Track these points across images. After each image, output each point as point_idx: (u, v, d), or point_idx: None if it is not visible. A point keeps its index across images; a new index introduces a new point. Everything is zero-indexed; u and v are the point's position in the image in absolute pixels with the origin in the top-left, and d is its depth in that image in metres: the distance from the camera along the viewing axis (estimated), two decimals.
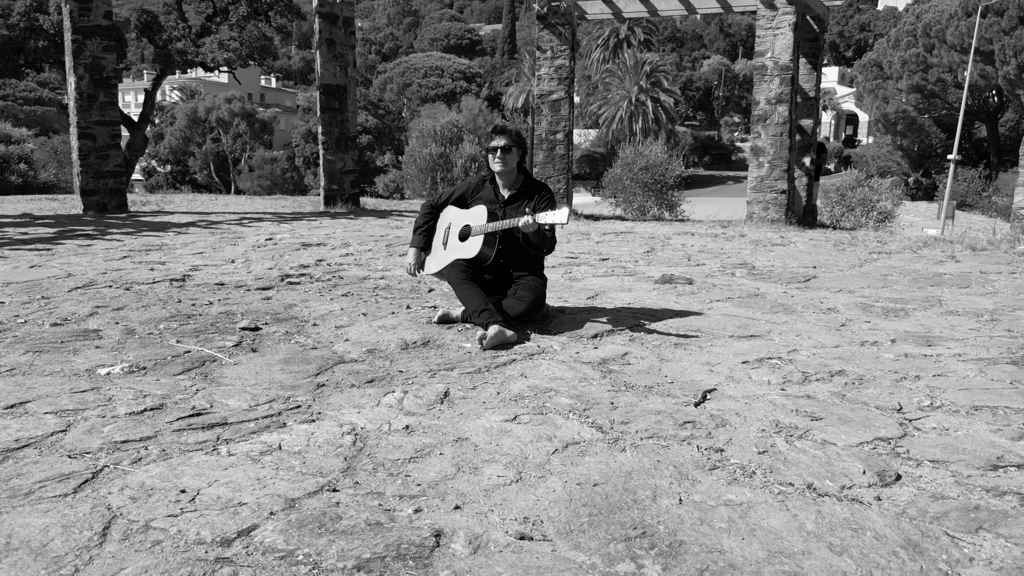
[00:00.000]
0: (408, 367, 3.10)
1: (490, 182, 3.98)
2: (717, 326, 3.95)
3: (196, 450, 2.18)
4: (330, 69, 10.92)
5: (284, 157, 60.03)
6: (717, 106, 79.42)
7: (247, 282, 4.96)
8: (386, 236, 7.85)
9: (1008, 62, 35.70)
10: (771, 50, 10.11)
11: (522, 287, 3.79)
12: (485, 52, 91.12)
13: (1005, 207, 39.08)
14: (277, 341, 3.50)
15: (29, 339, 3.37)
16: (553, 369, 3.10)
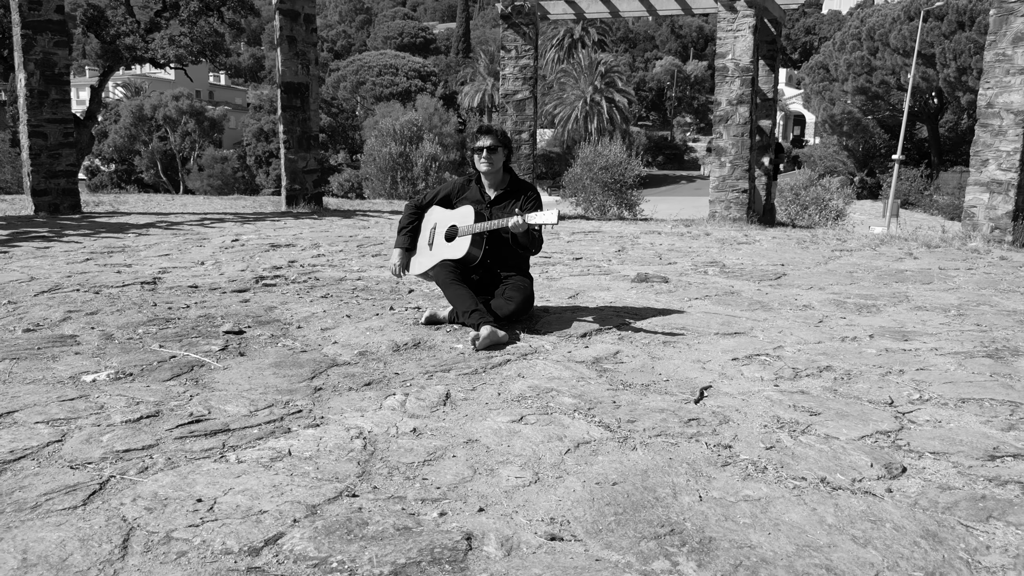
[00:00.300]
0: (403, 369, 3.08)
1: (475, 182, 3.97)
2: (701, 324, 4.01)
3: (203, 458, 2.12)
4: (291, 67, 10.74)
5: (235, 156, 58.90)
6: (669, 106, 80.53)
7: (221, 284, 4.85)
8: (355, 236, 7.76)
9: (948, 65, 37.00)
10: (732, 52, 10.30)
11: (510, 287, 3.79)
12: (439, 51, 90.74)
13: (946, 205, 40.53)
14: (264, 344, 3.43)
15: (3, 346, 3.25)
16: (549, 369, 3.10)
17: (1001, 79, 8.53)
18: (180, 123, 58.60)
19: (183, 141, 58.58)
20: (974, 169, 8.84)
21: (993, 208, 8.68)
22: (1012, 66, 8.45)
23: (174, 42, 20.18)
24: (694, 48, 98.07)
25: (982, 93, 8.73)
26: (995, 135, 8.60)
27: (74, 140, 9.51)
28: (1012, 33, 8.43)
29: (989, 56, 8.64)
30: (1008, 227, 8.61)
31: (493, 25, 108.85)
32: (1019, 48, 8.40)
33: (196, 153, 58.83)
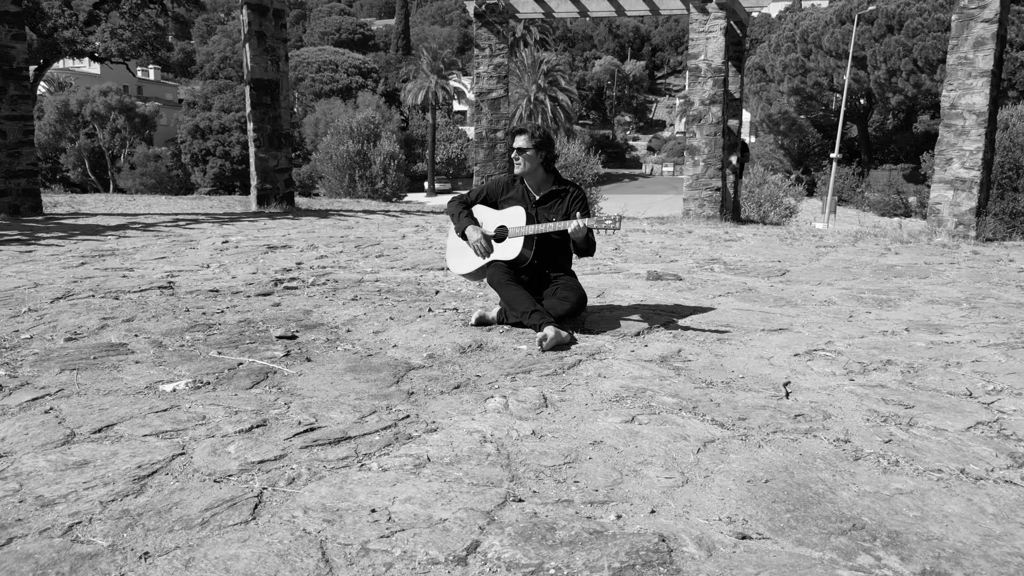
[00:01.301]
0: (482, 372, 3.05)
1: (520, 181, 3.96)
2: (741, 320, 4.10)
3: (343, 467, 2.07)
4: (261, 63, 10.47)
5: (169, 154, 57.01)
6: (609, 105, 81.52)
7: (239, 288, 4.71)
8: (346, 237, 7.63)
9: (879, 67, 38.55)
10: (704, 53, 10.51)
11: (563, 287, 3.80)
12: (378, 47, 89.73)
13: (877, 201, 42.23)
14: (324, 349, 3.36)
15: (55, 356, 3.09)
16: (626, 368, 3.13)
17: (963, 81, 8.95)
18: (109, 119, 56.38)
19: (113, 138, 56.38)
20: (938, 168, 9.25)
21: (957, 205, 9.11)
22: (973, 69, 8.88)
23: (116, 35, 19.40)
24: (631, 48, 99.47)
25: (945, 95, 9.14)
26: (958, 135, 9.03)
27: (34, 138, 9.06)
28: (973, 38, 8.86)
29: (952, 60, 9.06)
30: (971, 223, 9.05)
31: (432, 22, 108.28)
32: (979, 52, 8.83)
33: (127, 151, 56.69)
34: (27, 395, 2.61)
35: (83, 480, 1.95)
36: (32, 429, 2.29)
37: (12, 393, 2.63)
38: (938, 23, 36.64)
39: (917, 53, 36.65)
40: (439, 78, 58.46)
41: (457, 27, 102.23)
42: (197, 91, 64.67)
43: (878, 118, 53.34)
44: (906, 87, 38.19)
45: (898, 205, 41.02)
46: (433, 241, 7.48)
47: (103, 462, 2.06)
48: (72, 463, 2.05)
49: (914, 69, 37.30)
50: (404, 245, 7.09)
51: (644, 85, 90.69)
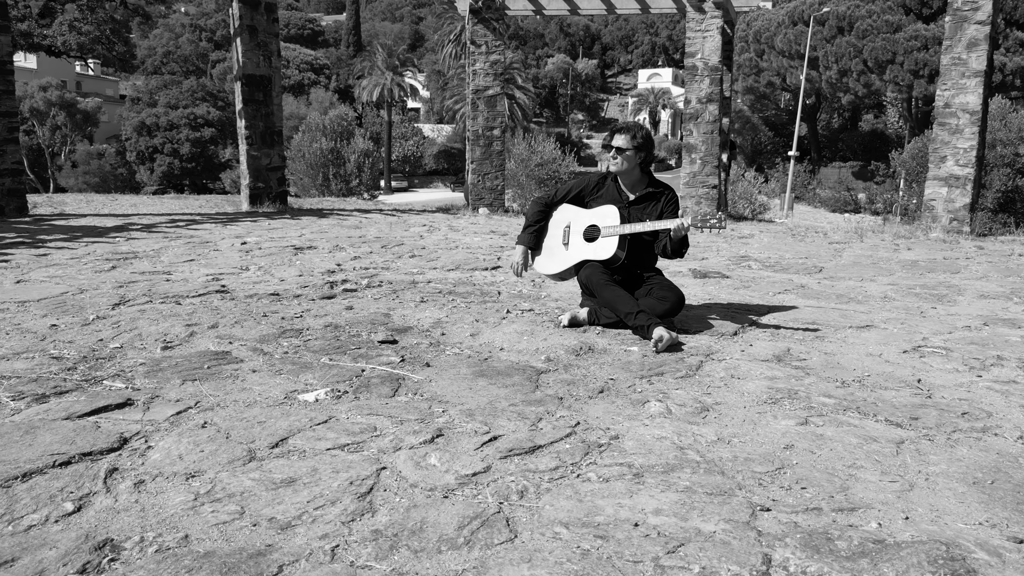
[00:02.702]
0: (614, 375, 2.99)
1: (612, 180, 3.90)
2: (821, 318, 4.12)
3: (559, 477, 1.98)
4: (253, 59, 10.15)
5: (113, 151, 55.12)
6: (563, 104, 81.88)
7: (297, 291, 4.54)
8: (364, 237, 7.45)
9: (830, 67, 39.60)
10: (701, 51, 10.60)
11: (658, 287, 3.75)
12: (328, 43, 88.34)
13: (828, 198, 43.34)
14: (434, 353, 3.24)
15: (165, 367, 2.90)
16: (751, 367, 3.10)
17: (957, 81, 9.21)
18: (49, 116, 54.21)
19: (53, 135, 54.25)
20: (933, 165, 9.51)
21: (951, 201, 9.38)
22: (967, 69, 9.15)
23: (74, 28, 18.63)
24: (583, 47, 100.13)
25: (940, 94, 9.40)
26: (952, 133, 9.29)
27: (18, 135, 8.61)
28: (966, 39, 9.13)
29: (946, 60, 9.32)
30: (966, 218, 9.33)
31: (383, 18, 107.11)
32: (973, 52, 9.10)
33: (68, 148, 54.60)
34: (168, 409, 2.44)
35: (303, 500, 1.82)
36: (204, 445, 2.14)
37: (149, 407, 2.46)
38: (887, 25, 37.83)
39: (867, 54, 37.76)
40: (394, 75, 57.86)
41: (408, 24, 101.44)
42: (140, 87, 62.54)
43: (824, 117, 54.85)
44: (856, 87, 39.33)
45: (848, 202, 42.26)
46: (455, 242, 7.36)
47: (309, 479, 1.94)
48: (279, 481, 1.92)
49: (864, 69, 38.42)
50: (428, 245, 6.95)
51: (596, 84, 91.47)
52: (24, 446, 2.10)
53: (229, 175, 51.40)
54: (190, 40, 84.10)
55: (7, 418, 2.33)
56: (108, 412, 2.41)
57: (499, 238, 7.73)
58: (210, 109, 54.30)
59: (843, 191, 43.44)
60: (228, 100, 57.76)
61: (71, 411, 2.39)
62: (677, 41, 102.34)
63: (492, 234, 8.09)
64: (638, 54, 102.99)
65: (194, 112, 52.32)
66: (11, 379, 2.71)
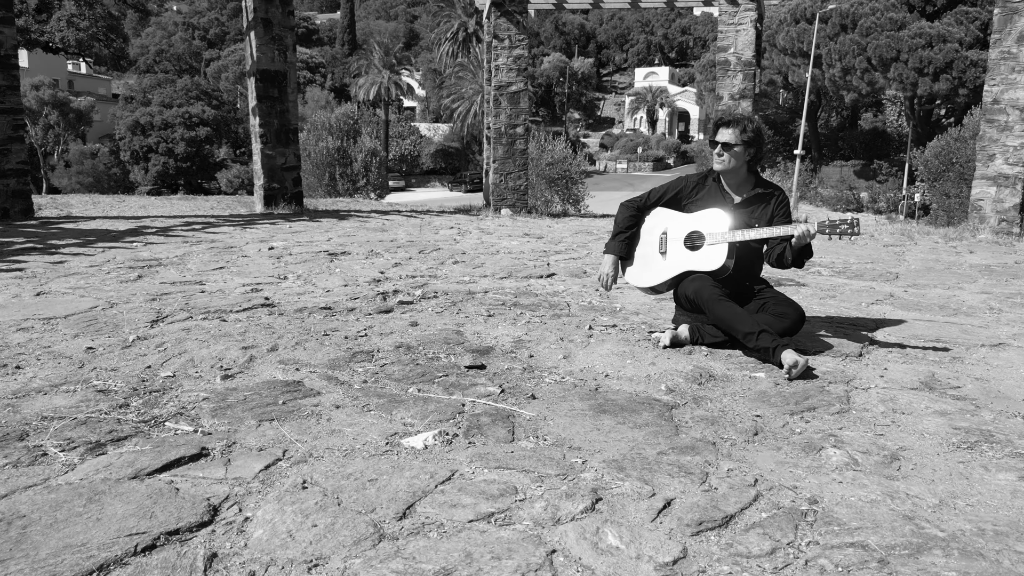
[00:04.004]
0: (756, 410, 2.55)
1: (714, 180, 3.47)
2: (943, 334, 3.70)
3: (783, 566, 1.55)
4: (267, 53, 9.69)
5: (106, 151, 54.45)
6: (559, 103, 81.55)
7: (348, 304, 4.09)
8: (395, 241, 7.00)
9: (834, 65, 39.30)
10: (734, 46, 10.19)
11: (774, 301, 3.32)
12: (323, 42, 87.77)
13: (830, 197, 43.12)
14: (533, 382, 2.80)
15: (233, 402, 2.45)
16: (912, 399, 2.68)
17: (1007, 76, 8.83)
18: (42, 115, 53.48)
19: (46, 135, 53.55)
20: (980, 164, 9.13)
21: (1000, 201, 8.99)
22: (1017, 63, 8.77)
23: (72, 24, 18.05)
24: (578, 45, 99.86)
25: (987, 90, 9.01)
26: (1001, 130, 8.91)
27: (24, 134, 8.13)
28: (1017, 31, 8.74)
29: (994, 54, 8.93)
30: (1016, 219, 8.95)
31: (377, 17, 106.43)
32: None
33: (61, 148, 53.92)
34: (254, 462, 1.99)
35: None
36: (314, 516, 1.70)
37: (230, 459, 2.01)
38: (891, 22, 37.56)
39: (871, 52, 37.47)
40: (391, 73, 57.33)
41: (403, 22, 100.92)
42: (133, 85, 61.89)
43: (824, 115, 54.60)
44: (860, 85, 39.05)
45: (851, 200, 42.07)
46: (493, 245, 6.92)
47: (467, 568, 1.50)
48: (431, 574, 1.48)
49: (868, 67, 38.14)
50: (467, 249, 6.51)
51: (592, 83, 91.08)
52: (91, 521, 1.65)
53: (225, 175, 50.81)
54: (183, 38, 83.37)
55: (61, 477, 1.88)
56: (182, 467, 1.96)
57: (536, 241, 7.29)
58: (205, 108, 53.69)
59: (845, 190, 43.21)
60: (223, 99, 57.16)
61: (138, 467, 1.94)
62: (672, 40, 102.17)
63: (527, 237, 7.65)
64: (633, 53, 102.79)
65: (189, 111, 51.70)
66: (54, 421, 2.26)
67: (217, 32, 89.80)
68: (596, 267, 5.64)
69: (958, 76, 36.23)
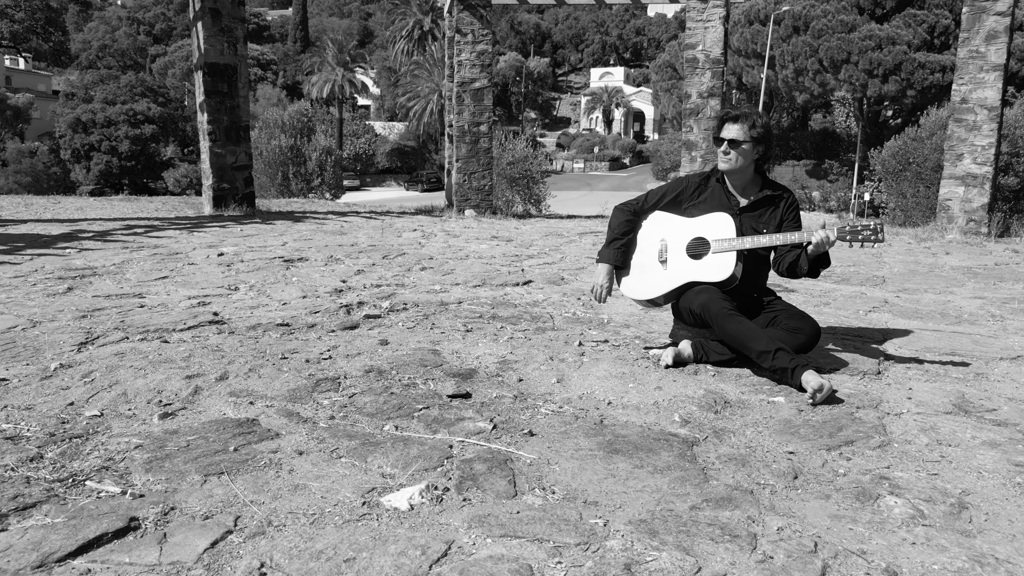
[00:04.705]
0: (787, 445, 2.23)
1: (718, 181, 3.15)
2: (955, 346, 3.45)
3: None
4: (216, 45, 9.12)
5: (46, 150, 52.38)
6: (515, 102, 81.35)
7: (308, 318, 3.67)
8: (356, 245, 6.56)
9: (787, 66, 39.78)
10: (702, 43, 9.97)
11: (786, 315, 3.01)
12: (275, 39, 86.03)
13: None
14: (528, 414, 2.44)
15: (173, 451, 2.03)
16: (953, 426, 2.39)
17: (975, 75, 8.77)
18: None
19: None
20: (948, 163, 9.06)
21: (968, 201, 8.94)
22: (985, 63, 8.71)
23: (6, 15, 17.05)
24: (534, 45, 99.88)
25: (956, 89, 8.95)
26: (969, 130, 8.85)
27: None
28: (985, 31, 8.69)
29: (963, 53, 8.87)
30: (984, 219, 8.90)
31: (330, 14, 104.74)
32: (992, 45, 8.67)
33: None
34: (198, 538, 1.58)
35: None
36: None
37: (166, 533, 1.60)
38: (842, 25, 38.16)
39: (823, 53, 38.02)
40: (345, 71, 56.33)
41: (357, 19, 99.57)
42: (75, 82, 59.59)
43: (776, 116, 55.44)
44: (812, 86, 39.60)
45: (803, 200, 42.66)
46: (461, 249, 6.53)
47: None
48: None
49: (820, 69, 38.69)
50: (434, 254, 6.11)
51: (548, 82, 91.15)
52: None
53: (172, 174, 49.28)
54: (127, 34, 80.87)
55: None
56: (104, 547, 1.54)
57: (506, 244, 6.92)
58: (151, 105, 52.06)
59: (798, 189, 43.79)
60: (170, 96, 55.48)
61: (46, 550, 1.52)
62: (627, 40, 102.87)
63: (495, 240, 7.28)
64: (588, 53, 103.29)
65: (133, 108, 50.04)
66: None
67: (163, 27, 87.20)
68: (574, 273, 5.30)
69: (906, 78, 36.98)
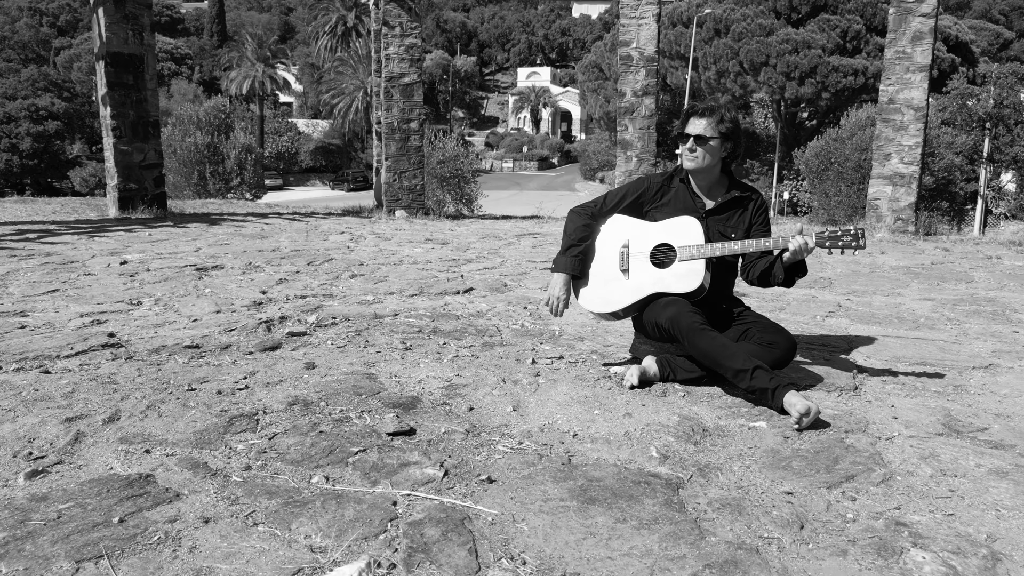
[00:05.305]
0: (782, 483, 1.95)
1: (682, 181, 2.87)
2: (923, 355, 3.28)
3: None
4: (120, 33, 8.40)
5: None
6: (442, 101, 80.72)
7: (222, 338, 3.23)
8: (278, 250, 6.06)
9: (709, 68, 40.57)
10: (636, 40, 9.81)
11: (759, 327, 2.75)
12: (190, 32, 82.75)
13: None
14: (484, 453, 2.09)
15: (38, 525, 1.59)
16: (952, 452, 2.17)
17: (902, 76, 8.87)
18: None
19: None
20: (877, 163, 9.15)
21: (896, 200, 9.05)
22: (912, 63, 8.82)
23: None
24: (460, 44, 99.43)
25: (883, 89, 9.04)
26: (897, 130, 8.95)
27: None
28: (911, 32, 8.80)
29: (889, 53, 8.97)
30: (911, 218, 9.02)
31: (249, 7, 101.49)
32: (918, 46, 8.78)
33: None
34: None
35: None
36: None
37: None
38: (760, 28, 39.16)
39: (743, 56, 38.94)
40: (266, 66, 54.54)
41: (277, 14, 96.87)
42: None
43: None
44: (734, 87, 40.49)
45: None
46: (394, 254, 6.11)
47: None
48: None
49: (741, 71, 39.62)
50: (365, 260, 5.68)
51: (475, 81, 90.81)
52: None
53: (79, 173, 46.72)
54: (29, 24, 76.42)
55: None
56: None
57: (441, 248, 6.54)
58: (55, 100, 49.32)
59: None
60: (76, 91, 52.57)
61: None
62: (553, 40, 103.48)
63: (430, 243, 6.89)
64: (515, 52, 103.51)
65: (36, 103, 47.28)
66: None
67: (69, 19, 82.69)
68: (517, 279, 4.97)
69: (821, 80, 38.24)
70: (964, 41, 39.18)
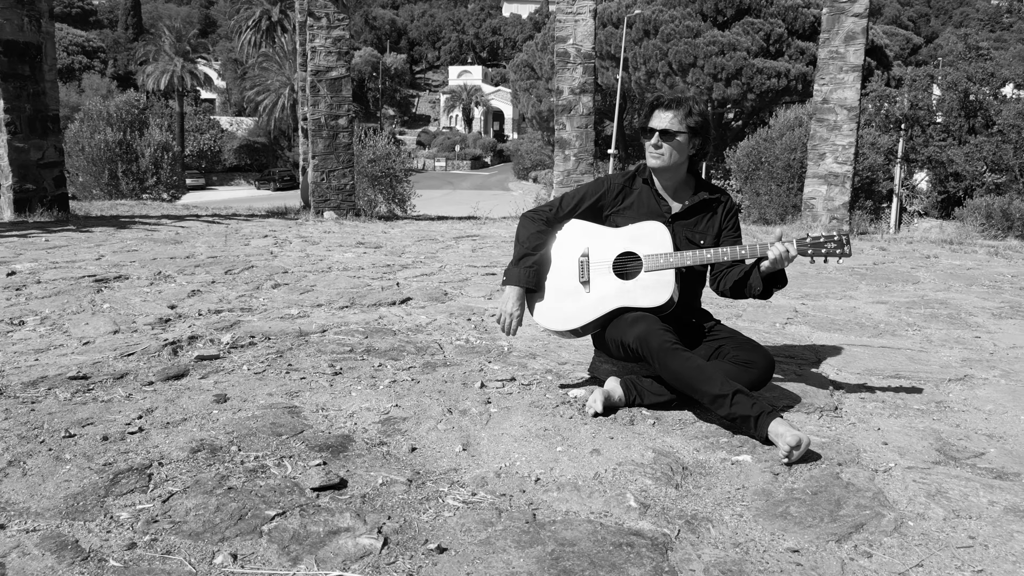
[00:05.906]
0: (784, 538, 1.67)
1: (645, 182, 2.58)
2: (894, 366, 3.08)
3: None
4: (14, 19, 7.64)
5: None
6: (372, 98, 79.42)
7: (117, 365, 2.77)
8: (192, 256, 5.53)
9: (639, 68, 40.99)
10: (573, 36, 9.57)
11: (733, 344, 2.47)
12: (103, 24, 79.07)
13: None
14: (431, 512, 1.74)
15: None
16: (962, 486, 1.93)
17: (835, 76, 8.89)
18: None
19: None
20: (812, 162, 9.16)
21: (831, 199, 9.07)
22: (845, 63, 8.85)
23: None
24: (390, 41, 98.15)
25: (817, 89, 9.04)
26: (831, 130, 8.97)
27: None
28: (844, 32, 8.82)
29: (823, 54, 8.97)
30: (845, 217, 9.06)
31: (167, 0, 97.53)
32: (851, 46, 8.81)
33: None
34: None
35: None
36: None
37: None
38: (688, 30, 39.78)
39: (672, 57, 39.49)
40: (185, 61, 52.41)
41: (197, 7, 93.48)
42: None
43: (629, 117, 57.29)
44: (663, 88, 40.94)
45: None
46: (322, 260, 5.66)
47: None
48: None
49: (670, 71, 40.16)
50: (290, 267, 5.22)
51: (406, 79, 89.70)
52: None
53: None
54: None
55: None
56: None
57: (375, 252, 6.12)
58: None
59: None
60: None
61: None
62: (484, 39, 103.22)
63: (362, 247, 6.46)
64: (446, 51, 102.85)
65: None
66: None
67: None
68: (457, 286, 4.61)
69: (747, 82, 39.11)
70: (879, 45, 40.65)
